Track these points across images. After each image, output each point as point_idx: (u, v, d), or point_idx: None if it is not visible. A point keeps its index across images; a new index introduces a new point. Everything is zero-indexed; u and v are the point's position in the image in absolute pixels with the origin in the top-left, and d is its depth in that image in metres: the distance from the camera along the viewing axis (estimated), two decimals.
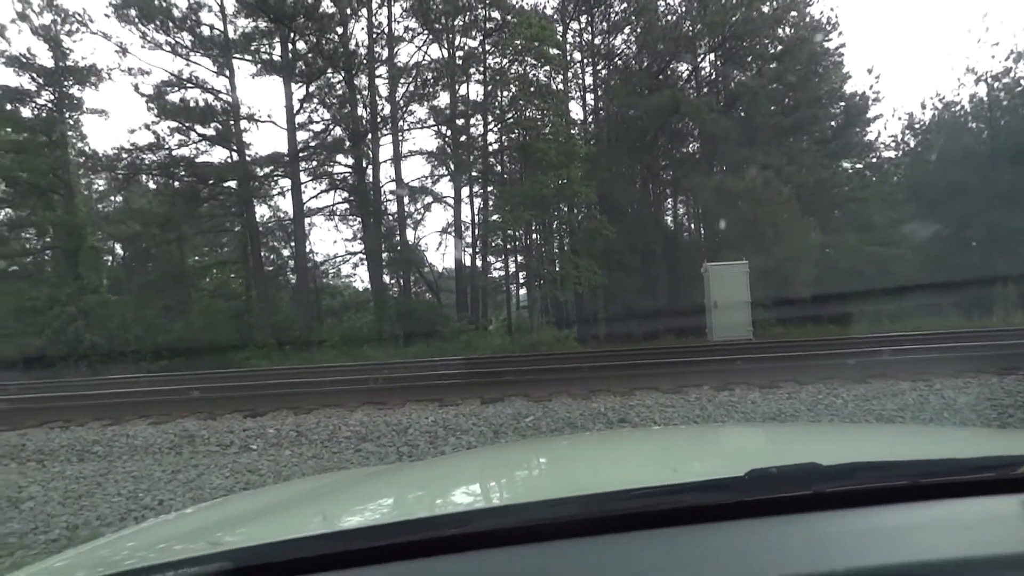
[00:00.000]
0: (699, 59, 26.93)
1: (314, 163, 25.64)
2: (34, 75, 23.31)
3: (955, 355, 8.53)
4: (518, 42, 21.73)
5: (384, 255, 24.83)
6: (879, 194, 25.01)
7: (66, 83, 23.79)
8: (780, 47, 25.76)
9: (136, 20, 22.40)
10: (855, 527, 0.80)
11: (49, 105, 23.98)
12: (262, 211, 27.34)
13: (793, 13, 26.01)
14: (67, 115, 24.47)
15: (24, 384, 12.89)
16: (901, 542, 0.77)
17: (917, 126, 29.43)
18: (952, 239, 23.52)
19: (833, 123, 26.79)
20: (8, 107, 23.40)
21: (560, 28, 25.56)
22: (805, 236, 21.90)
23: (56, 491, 4.92)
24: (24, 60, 22.96)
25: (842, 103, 26.93)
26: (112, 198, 30.29)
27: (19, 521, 4.27)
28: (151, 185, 26.86)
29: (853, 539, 0.78)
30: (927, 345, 9.95)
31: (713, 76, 27.91)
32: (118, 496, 4.73)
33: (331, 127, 25.40)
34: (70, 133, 24.87)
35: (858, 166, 27.24)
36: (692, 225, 29.86)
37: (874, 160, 28.00)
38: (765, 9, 24.89)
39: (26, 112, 23.90)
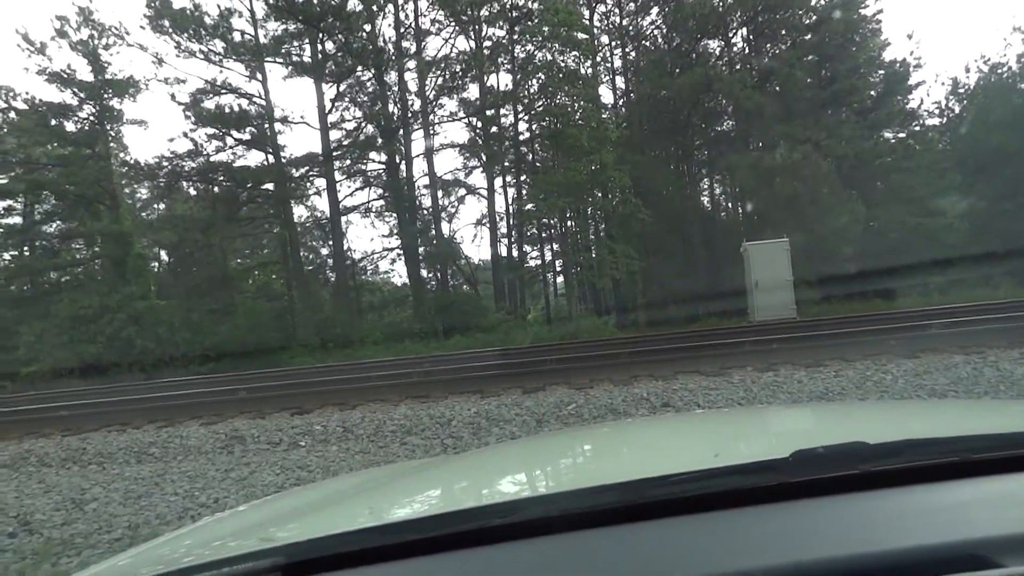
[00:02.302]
0: (731, 35, 26.41)
1: (348, 161, 25.92)
2: (75, 90, 23.99)
3: (1009, 326, 8.24)
4: (545, 28, 21.57)
5: (420, 249, 25.01)
6: (924, 163, 24.18)
7: (106, 96, 24.43)
8: (814, 17, 25.02)
9: (170, 30, 22.88)
10: (905, 506, 0.79)
11: (91, 118, 24.67)
12: (299, 211, 27.84)
13: None
14: (108, 127, 25.15)
15: (82, 390, 13.36)
16: (953, 520, 0.75)
17: (962, 91, 28.36)
18: (1002, 206, 22.66)
19: (873, 92, 25.90)
20: (53, 122, 24.18)
21: (587, 12, 25.28)
22: (847, 210, 21.33)
23: (117, 492, 5.10)
24: (65, 76, 23.66)
25: (881, 71, 26.05)
26: (155, 206, 31.10)
27: (84, 522, 4.43)
28: (191, 191, 27.52)
29: (904, 518, 0.76)
30: (979, 316, 9.62)
31: (746, 51, 27.29)
32: (175, 495, 4.88)
33: (363, 125, 25.63)
34: (112, 144, 25.56)
35: (900, 135, 26.31)
36: (729, 204, 29.41)
37: (917, 128, 27.05)
38: None
39: (70, 126, 24.68)
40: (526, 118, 25.07)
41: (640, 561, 0.72)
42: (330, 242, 27.22)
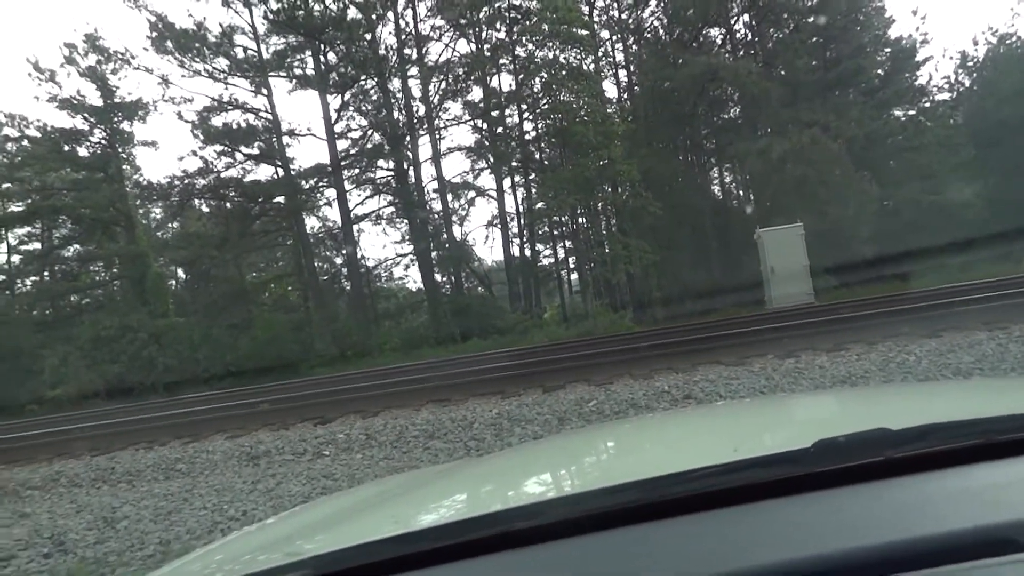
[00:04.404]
0: (732, 21, 26.22)
1: (356, 170, 26.08)
2: (86, 115, 24.34)
3: None
4: (545, 27, 21.56)
5: (433, 254, 25.09)
6: (936, 140, 23.86)
7: (116, 119, 24.77)
8: None
9: (173, 51, 23.13)
10: (933, 491, 0.78)
11: (102, 142, 25.03)
12: (311, 222, 28.00)
13: None
14: (120, 150, 25.50)
15: (108, 410, 13.52)
16: (983, 503, 0.74)
17: (971, 64, 27.97)
18: (1018, 180, 22.29)
19: (880, 71, 25.63)
20: (66, 148, 24.55)
21: (586, 8, 25.22)
22: (860, 192, 21.12)
23: (147, 509, 5.16)
24: (75, 102, 24.02)
25: (888, 49, 25.79)
26: (169, 225, 31.46)
27: (116, 540, 4.49)
28: (204, 208, 27.79)
29: (932, 503, 0.75)
30: (1002, 292, 9.47)
31: (749, 37, 27.08)
32: (204, 510, 4.93)
33: (369, 133, 25.77)
34: (125, 167, 25.94)
35: (911, 113, 26.01)
36: (740, 192, 29.21)
37: (927, 105, 26.72)
38: None
39: (82, 151, 25.06)
40: (531, 117, 25.09)
41: (665, 559, 0.72)
42: (343, 251, 27.36)
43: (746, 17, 26.39)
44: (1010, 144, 22.20)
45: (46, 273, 27.11)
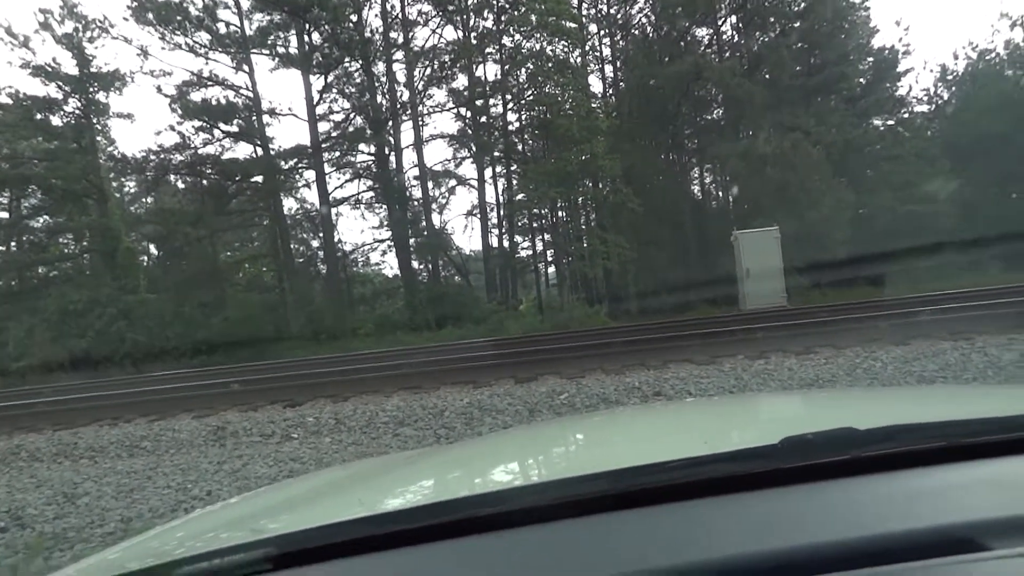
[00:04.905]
0: (720, 22, 26.35)
1: (337, 153, 25.77)
2: (60, 83, 23.72)
3: (998, 312, 8.30)
4: (533, 18, 21.48)
5: (411, 241, 24.96)
6: (913, 150, 24.28)
7: (92, 89, 24.17)
8: (803, 4, 25.00)
9: (154, 22, 22.64)
10: (895, 490, 0.79)
11: (77, 112, 24.42)
12: (289, 204, 27.63)
13: None
14: (95, 121, 24.92)
15: (72, 384, 13.29)
16: (944, 503, 0.76)
17: (950, 77, 28.47)
18: (991, 192, 22.79)
19: (862, 80, 26.02)
20: (38, 116, 23.91)
21: (574, 1, 25.17)
22: (837, 198, 21.39)
23: (109, 486, 5.09)
24: (50, 69, 23.36)
25: (870, 58, 26.18)
26: (143, 199, 30.91)
27: (76, 516, 4.43)
28: (180, 185, 27.37)
29: (893, 502, 0.77)
30: (968, 303, 9.69)
31: (735, 39, 27.24)
32: (168, 488, 4.88)
33: (352, 116, 25.49)
34: (99, 138, 25.35)
35: (890, 123, 26.46)
36: (720, 193, 29.39)
37: (906, 116, 27.19)
38: None
39: (55, 120, 24.42)
40: (515, 108, 24.99)
41: (631, 548, 0.73)
42: (320, 234, 27.14)
43: (733, 19, 26.56)
44: (985, 158, 22.67)
45: (13, 243, 26.48)
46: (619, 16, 27.85)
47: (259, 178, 24.48)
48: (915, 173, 23.22)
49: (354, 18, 23.65)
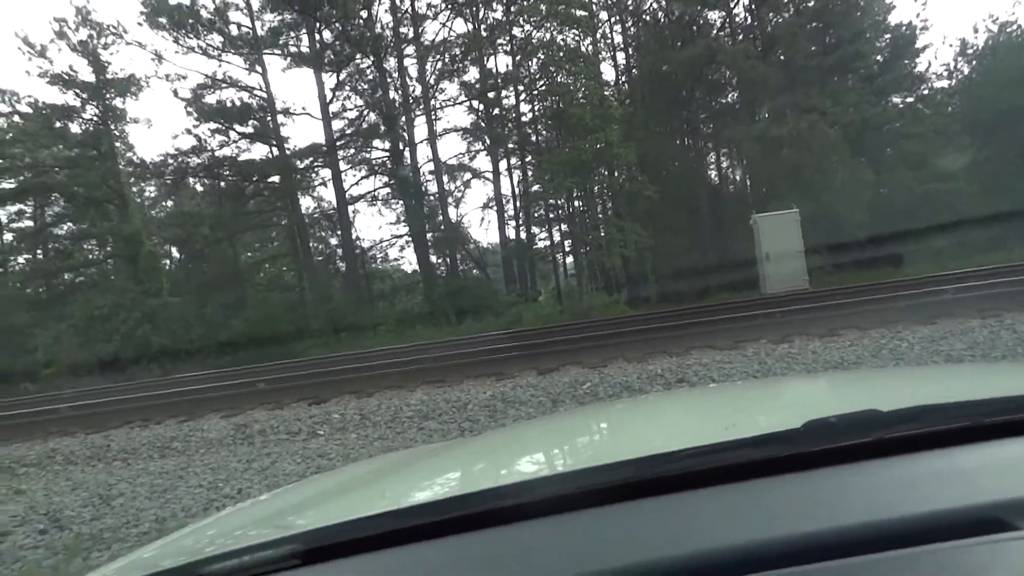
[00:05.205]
0: (732, 4, 26.00)
1: (352, 150, 25.87)
2: (77, 91, 24.04)
3: None
4: (543, 7, 21.35)
5: (429, 235, 25.02)
6: (933, 127, 23.83)
7: (108, 95, 24.47)
8: None
9: (167, 26, 22.84)
10: (920, 471, 0.79)
11: (95, 118, 24.76)
12: (306, 203, 27.84)
13: None
14: (113, 127, 25.22)
15: (102, 388, 13.51)
16: (969, 484, 0.75)
17: (970, 51, 27.84)
18: (1013, 167, 22.30)
19: (879, 57, 25.52)
20: (58, 124, 24.27)
21: None
22: (856, 178, 21.08)
23: (142, 487, 5.18)
24: (67, 77, 23.70)
25: (887, 35, 25.67)
26: (163, 203, 31.26)
27: (112, 517, 4.52)
28: (198, 187, 27.63)
29: (918, 483, 0.76)
30: (994, 280, 9.52)
31: (748, 21, 26.85)
32: (199, 488, 4.96)
33: (365, 113, 25.58)
34: (117, 144, 25.67)
35: (909, 100, 25.94)
36: (737, 177, 29.12)
37: (926, 92, 26.66)
38: None
39: (74, 128, 24.79)
40: (528, 99, 24.91)
41: (655, 534, 0.73)
42: (338, 232, 27.27)
43: (745, 0, 26.20)
44: (1006, 132, 22.19)
45: (39, 251, 26.95)
46: (630, 2, 27.60)
47: (276, 178, 24.67)
48: (935, 150, 22.80)
49: (364, 14, 23.69)
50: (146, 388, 11.68)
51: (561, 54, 21.53)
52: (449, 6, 24.68)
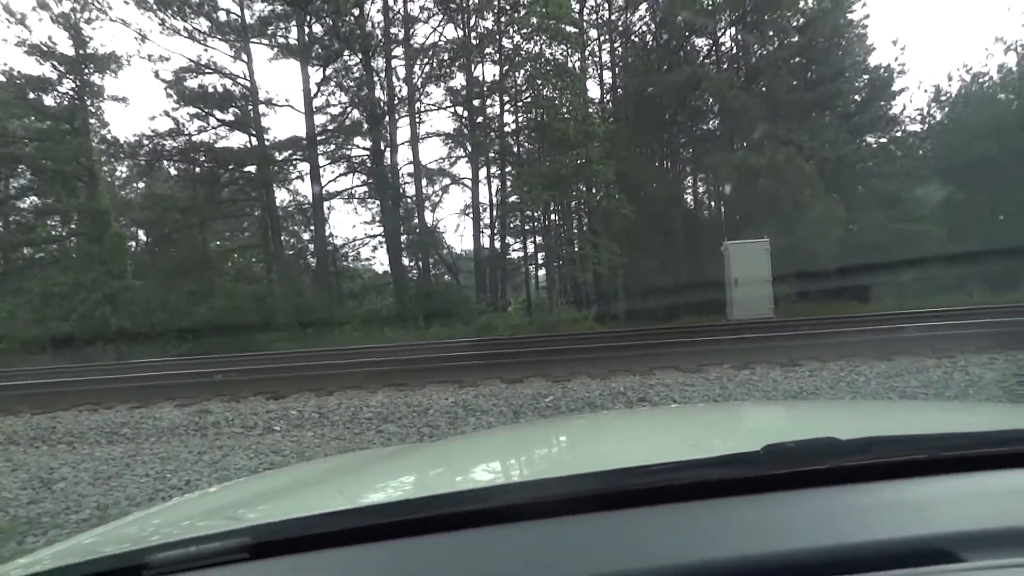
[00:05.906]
0: (719, 33, 26.47)
1: (332, 146, 25.68)
2: (55, 63, 23.42)
3: (981, 331, 8.39)
4: (533, 20, 21.50)
5: (403, 237, 24.91)
6: (904, 169, 24.51)
7: (87, 71, 23.92)
8: (803, 19, 25.15)
9: (154, 6, 22.47)
10: (873, 500, 0.80)
11: (71, 93, 24.14)
12: (282, 195, 27.48)
13: None
14: (88, 103, 24.66)
15: (53, 368, 13.16)
16: (921, 515, 0.77)
17: (944, 98, 28.69)
18: (980, 213, 22.99)
19: (857, 97, 26.21)
20: (31, 95, 23.64)
21: (576, 5, 25.22)
22: (828, 213, 21.54)
23: (86, 472, 5.04)
24: (45, 48, 23.08)
25: (866, 76, 26.36)
26: (134, 184, 30.63)
27: (51, 501, 4.38)
28: (172, 171, 27.15)
29: (871, 512, 0.77)
30: (952, 321, 9.78)
31: (733, 51, 27.36)
32: (146, 477, 4.84)
33: (348, 110, 25.39)
34: (92, 120, 25.07)
35: (882, 140, 26.68)
36: (712, 203, 29.52)
37: (899, 134, 27.42)
38: None
39: (48, 100, 24.14)
40: (512, 109, 25.01)
41: (613, 548, 0.73)
42: (312, 227, 26.99)
43: (732, 30, 26.67)
44: (976, 179, 22.87)
45: (0, 223, 26.21)
46: (619, 23, 27.95)
47: (252, 168, 24.34)
48: (906, 190, 23.42)
49: (356, 11, 23.56)
50: (100, 371, 11.39)
51: (548, 68, 21.68)
52: (441, 10, 24.73)
